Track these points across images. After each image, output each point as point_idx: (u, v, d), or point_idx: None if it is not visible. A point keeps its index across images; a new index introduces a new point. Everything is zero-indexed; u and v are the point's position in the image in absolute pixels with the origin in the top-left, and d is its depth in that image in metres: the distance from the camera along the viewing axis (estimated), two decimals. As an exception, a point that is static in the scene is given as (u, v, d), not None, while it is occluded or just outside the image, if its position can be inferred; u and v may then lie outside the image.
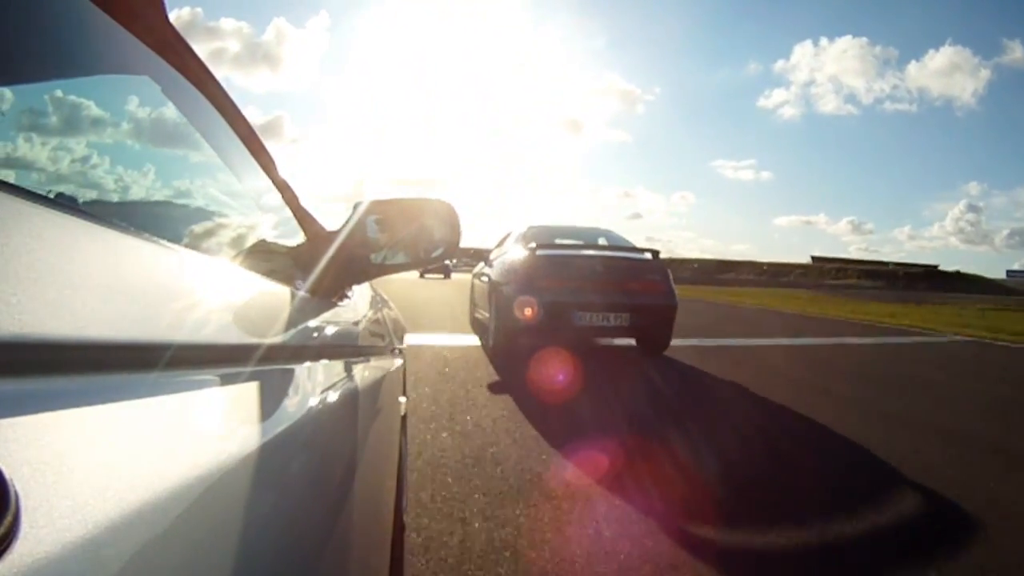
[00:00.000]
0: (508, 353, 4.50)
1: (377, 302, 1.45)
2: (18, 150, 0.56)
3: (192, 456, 0.32)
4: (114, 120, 0.74)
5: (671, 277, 4.65)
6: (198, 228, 0.73)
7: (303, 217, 0.90)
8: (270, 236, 0.94)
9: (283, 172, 0.86)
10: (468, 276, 7.12)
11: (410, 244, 0.93)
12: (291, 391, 0.54)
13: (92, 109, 0.69)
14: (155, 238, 0.44)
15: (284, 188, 0.87)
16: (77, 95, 0.66)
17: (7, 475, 0.19)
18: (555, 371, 4.09)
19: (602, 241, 5.22)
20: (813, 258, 62.74)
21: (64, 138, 0.65)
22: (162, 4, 0.57)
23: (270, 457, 0.41)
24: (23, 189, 0.33)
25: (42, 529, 0.20)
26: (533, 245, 4.48)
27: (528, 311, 4.16)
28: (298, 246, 0.90)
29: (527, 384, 3.73)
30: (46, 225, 0.30)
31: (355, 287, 1.04)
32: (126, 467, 0.27)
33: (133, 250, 0.39)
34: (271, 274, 0.69)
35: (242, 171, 0.80)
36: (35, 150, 0.60)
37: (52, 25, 0.47)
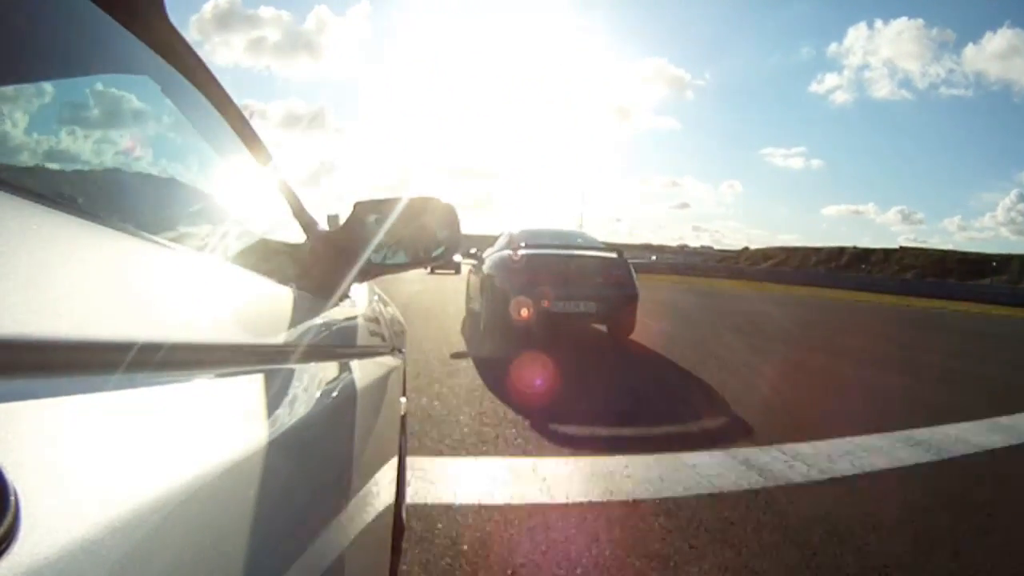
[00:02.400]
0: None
1: (377, 302, 1.45)
2: (18, 150, 0.56)
3: (192, 456, 0.32)
4: (114, 120, 0.74)
5: (633, 272, 5.58)
6: (198, 228, 0.73)
7: (303, 217, 0.90)
8: (270, 236, 0.94)
9: (286, 169, 0.86)
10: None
11: (410, 244, 0.93)
12: (291, 391, 0.54)
13: (92, 109, 0.69)
14: (155, 238, 0.44)
15: (284, 188, 0.87)
16: (77, 95, 0.66)
17: (7, 475, 0.19)
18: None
19: (579, 242, 6.10)
20: (901, 248, 56.78)
21: (64, 138, 0.65)
22: (162, 4, 0.57)
23: (270, 457, 0.41)
24: (23, 189, 0.33)
25: (42, 529, 0.20)
26: (519, 246, 5.36)
27: (514, 302, 4.99)
28: (298, 246, 0.90)
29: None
30: (46, 225, 0.30)
31: (355, 287, 1.04)
32: (126, 467, 0.27)
33: (133, 250, 0.39)
34: (271, 274, 0.69)
35: (242, 171, 0.80)
36: (35, 150, 0.60)
37: (52, 25, 0.47)
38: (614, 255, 5.58)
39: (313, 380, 0.63)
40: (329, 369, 0.71)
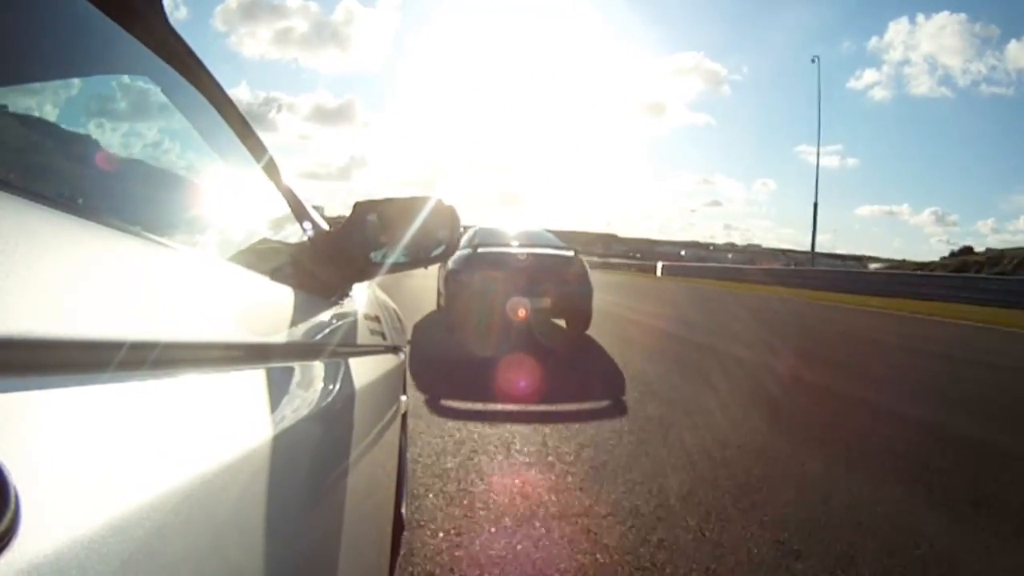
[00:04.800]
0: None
1: (377, 301, 1.46)
2: (18, 150, 0.57)
3: (192, 455, 0.32)
4: (114, 120, 0.74)
5: (588, 269, 5.89)
6: (198, 228, 0.73)
7: (303, 216, 0.90)
8: (270, 236, 0.94)
9: (288, 170, 0.86)
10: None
11: (410, 244, 0.93)
12: (291, 390, 0.54)
13: (92, 109, 0.70)
14: (155, 238, 0.44)
15: (284, 187, 0.87)
16: (77, 95, 0.66)
17: (7, 474, 0.19)
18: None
19: (539, 241, 6.45)
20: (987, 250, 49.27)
21: (64, 137, 0.66)
22: (161, 5, 0.57)
23: (271, 455, 0.41)
24: (23, 189, 0.33)
25: (42, 527, 0.20)
26: (476, 243, 5.78)
27: (469, 298, 5.40)
28: (298, 245, 0.90)
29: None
30: (46, 225, 0.30)
31: (355, 286, 1.04)
32: (126, 466, 0.27)
33: (133, 250, 0.39)
34: (271, 274, 0.69)
35: (242, 170, 0.80)
36: (35, 150, 0.60)
37: (52, 25, 0.47)
38: (570, 254, 5.90)
39: (313, 379, 0.64)
40: (329, 368, 0.71)
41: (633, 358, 4.66)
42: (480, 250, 5.66)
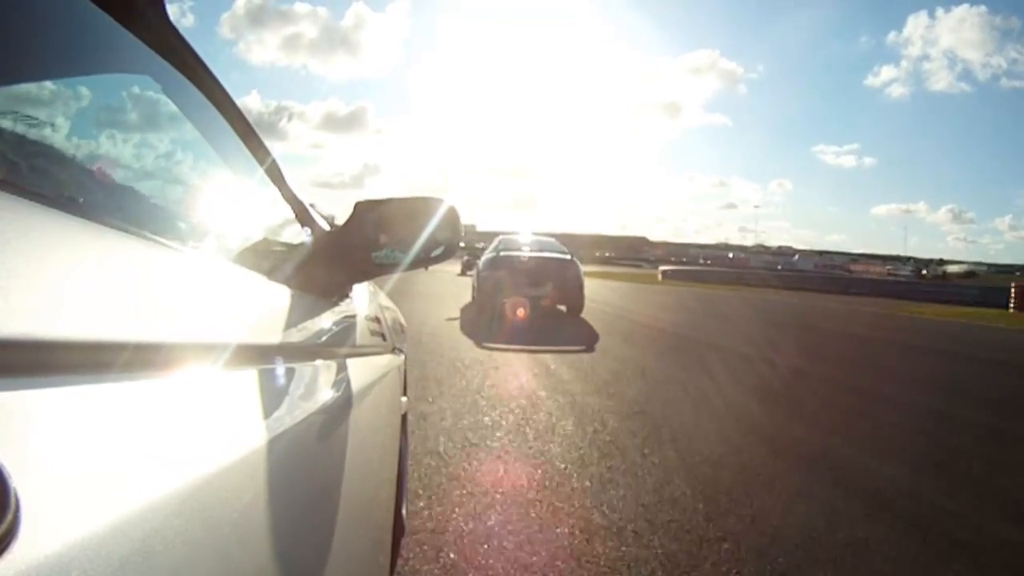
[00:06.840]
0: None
1: (377, 302, 1.45)
2: (18, 150, 0.56)
3: (192, 455, 0.32)
4: (115, 119, 0.74)
5: (580, 267, 8.33)
6: (198, 228, 0.73)
7: (303, 216, 0.90)
8: (270, 236, 0.94)
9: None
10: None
11: (411, 244, 0.93)
12: (291, 391, 0.54)
13: (93, 108, 0.69)
14: (155, 238, 0.44)
15: (285, 187, 0.87)
16: (78, 94, 0.66)
17: (7, 475, 0.19)
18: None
19: (547, 247, 8.90)
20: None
21: (65, 137, 0.65)
22: (162, 4, 0.57)
23: (271, 456, 0.41)
24: (23, 189, 0.33)
25: (42, 528, 0.20)
26: (500, 249, 8.27)
27: (494, 290, 7.83)
28: (298, 245, 0.90)
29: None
30: (46, 225, 0.30)
31: (355, 287, 1.04)
32: (126, 467, 0.27)
33: (133, 250, 0.39)
34: (271, 274, 0.69)
35: (242, 170, 0.80)
36: (35, 150, 0.60)
37: (52, 25, 0.47)
38: (568, 257, 8.28)
39: (313, 380, 0.63)
40: (329, 368, 0.71)
41: None
42: (502, 254, 8.12)
